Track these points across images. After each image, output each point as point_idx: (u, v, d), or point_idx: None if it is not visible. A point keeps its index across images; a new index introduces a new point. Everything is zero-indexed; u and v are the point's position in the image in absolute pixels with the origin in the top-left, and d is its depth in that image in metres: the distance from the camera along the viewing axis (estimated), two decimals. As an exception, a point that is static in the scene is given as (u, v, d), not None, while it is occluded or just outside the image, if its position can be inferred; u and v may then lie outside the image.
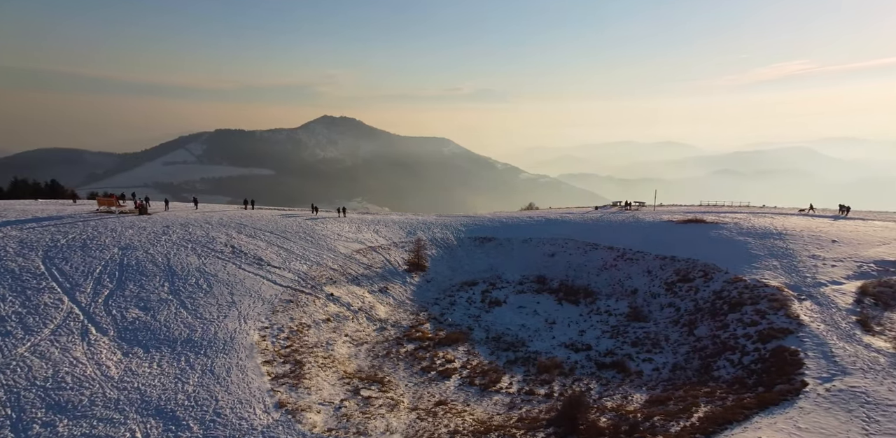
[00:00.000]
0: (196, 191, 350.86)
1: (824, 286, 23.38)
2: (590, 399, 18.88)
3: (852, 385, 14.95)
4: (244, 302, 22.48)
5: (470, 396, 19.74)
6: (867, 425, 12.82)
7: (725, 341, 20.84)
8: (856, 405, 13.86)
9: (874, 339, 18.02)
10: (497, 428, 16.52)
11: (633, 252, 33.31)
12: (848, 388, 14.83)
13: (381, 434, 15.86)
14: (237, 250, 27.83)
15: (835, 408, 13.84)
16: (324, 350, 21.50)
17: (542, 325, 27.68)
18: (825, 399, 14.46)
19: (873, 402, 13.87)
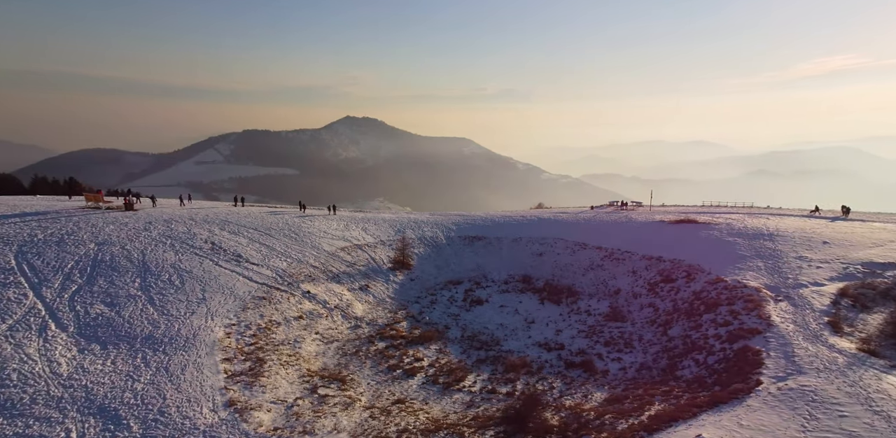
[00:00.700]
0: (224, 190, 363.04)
1: (804, 287, 23.39)
2: (550, 398, 18.94)
3: (803, 384, 15.11)
4: (215, 299, 22.83)
5: (431, 395, 19.84)
6: (807, 422, 13.00)
7: (696, 341, 21.01)
8: (802, 403, 14.01)
9: (840, 340, 18.09)
10: (448, 427, 16.62)
11: (620, 252, 33.29)
12: (798, 387, 14.98)
13: (329, 433, 15.95)
14: (217, 247, 28.35)
15: (781, 406, 13.99)
16: (290, 347, 21.74)
17: (521, 324, 27.75)
18: (774, 397, 14.60)
19: (819, 400, 14.03)
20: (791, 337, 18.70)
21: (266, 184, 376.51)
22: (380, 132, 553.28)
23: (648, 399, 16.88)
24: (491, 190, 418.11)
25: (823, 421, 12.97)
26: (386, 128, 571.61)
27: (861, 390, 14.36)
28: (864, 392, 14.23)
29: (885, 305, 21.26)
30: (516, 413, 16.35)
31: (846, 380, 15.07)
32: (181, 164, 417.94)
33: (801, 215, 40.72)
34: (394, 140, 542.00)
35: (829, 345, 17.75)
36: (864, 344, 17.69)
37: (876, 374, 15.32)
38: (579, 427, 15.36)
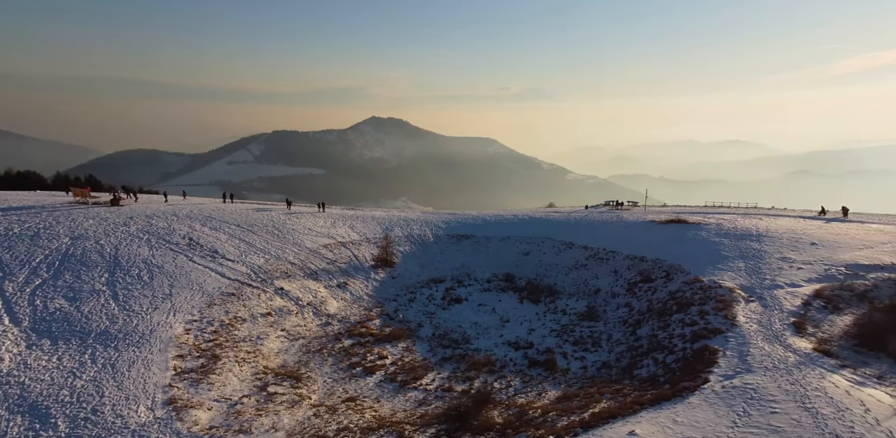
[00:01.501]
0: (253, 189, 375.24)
1: (780, 288, 23.48)
2: (504, 396, 19.19)
3: (747, 383, 15.37)
4: (182, 295, 23.14)
5: (385, 392, 19.94)
6: (739, 418, 13.30)
7: (661, 341, 21.25)
8: (740, 400, 14.30)
9: (799, 340, 18.29)
10: (392, 425, 16.71)
11: (605, 251, 33.41)
12: (742, 385, 15.25)
13: (265, 432, 15.94)
14: (194, 242, 28.82)
15: (719, 404, 14.29)
16: (251, 344, 21.93)
17: (496, 323, 27.93)
18: (716, 395, 14.87)
19: (756, 398, 14.32)
20: (751, 336, 18.84)
21: (293, 183, 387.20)
22: (404, 132, 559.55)
23: (597, 397, 17.07)
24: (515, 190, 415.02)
25: (754, 417, 13.26)
26: (410, 128, 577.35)
27: (800, 388, 14.62)
28: (803, 389, 14.50)
29: (859, 307, 21.21)
30: (458, 412, 16.39)
31: (789, 379, 15.31)
32: (214, 164, 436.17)
33: (798, 216, 40.15)
34: (418, 140, 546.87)
35: (786, 345, 17.89)
36: (821, 344, 17.81)
37: (821, 373, 15.55)
38: (521, 424, 15.43)
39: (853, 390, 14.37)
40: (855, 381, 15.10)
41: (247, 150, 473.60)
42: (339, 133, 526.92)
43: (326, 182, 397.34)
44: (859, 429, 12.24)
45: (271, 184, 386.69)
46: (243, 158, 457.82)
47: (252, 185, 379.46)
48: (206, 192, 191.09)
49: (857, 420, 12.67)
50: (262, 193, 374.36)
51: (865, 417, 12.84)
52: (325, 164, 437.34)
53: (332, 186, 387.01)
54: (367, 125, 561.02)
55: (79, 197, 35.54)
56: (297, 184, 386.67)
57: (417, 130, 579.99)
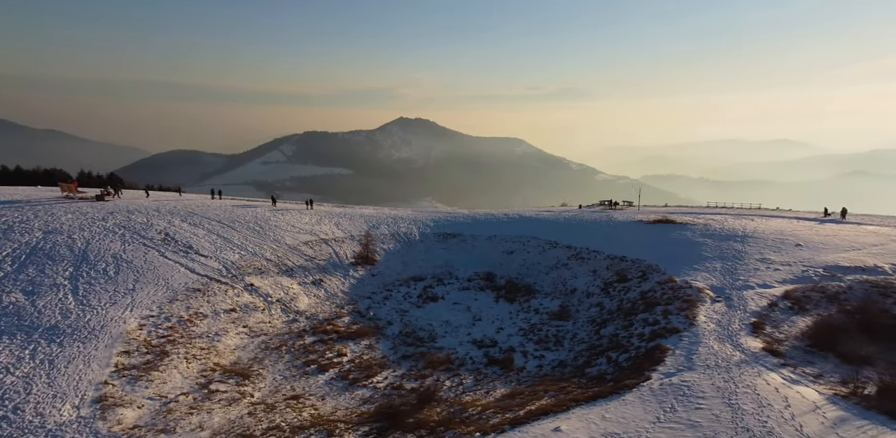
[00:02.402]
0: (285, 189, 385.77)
1: (751, 289, 23.61)
2: (451, 394, 19.47)
3: (684, 380, 15.64)
4: (145, 290, 23.55)
5: (333, 390, 20.05)
6: (663, 414, 13.58)
7: (620, 340, 21.57)
8: (671, 397, 14.60)
9: (752, 340, 18.48)
10: (325, 423, 16.79)
11: (588, 251, 33.58)
12: (679, 382, 15.53)
13: (189, 431, 15.99)
14: (169, 237, 29.34)
15: (651, 400, 14.57)
16: (207, 341, 22.23)
17: (467, 322, 28.21)
18: (651, 392, 15.19)
19: (687, 394, 14.62)
20: (705, 336, 19.07)
21: (322, 183, 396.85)
22: (431, 133, 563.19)
23: (541, 394, 17.37)
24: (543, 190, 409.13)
25: (678, 413, 13.57)
26: (437, 128, 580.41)
27: (732, 385, 14.89)
28: (734, 387, 14.78)
29: (827, 308, 21.24)
30: (391, 410, 16.67)
31: (725, 377, 15.56)
32: (248, 164, 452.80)
33: (795, 217, 39.75)
34: (445, 140, 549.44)
35: (736, 344, 18.11)
36: (771, 344, 18.01)
37: (759, 372, 15.79)
38: (456, 422, 15.67)
39: (783, 388, 14.59)
40: (790, 379, 15.30)
41: (279, 151, 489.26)
42: (367, 133, 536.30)
43: (354, 182, 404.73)
44: (771, 424, 12.55)
45: (301, 184, 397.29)
46: (276, 158, 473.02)
47: (284, 185, 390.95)
48: (240, 192, 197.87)
49: (774, 416, 12.95)
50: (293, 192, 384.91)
51: (783, 413, 13.10)
52: (354, 164, 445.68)
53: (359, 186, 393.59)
54: (395, 126, 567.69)
55: (66, 191, 36.40)
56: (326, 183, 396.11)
57: (444, 130, 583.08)
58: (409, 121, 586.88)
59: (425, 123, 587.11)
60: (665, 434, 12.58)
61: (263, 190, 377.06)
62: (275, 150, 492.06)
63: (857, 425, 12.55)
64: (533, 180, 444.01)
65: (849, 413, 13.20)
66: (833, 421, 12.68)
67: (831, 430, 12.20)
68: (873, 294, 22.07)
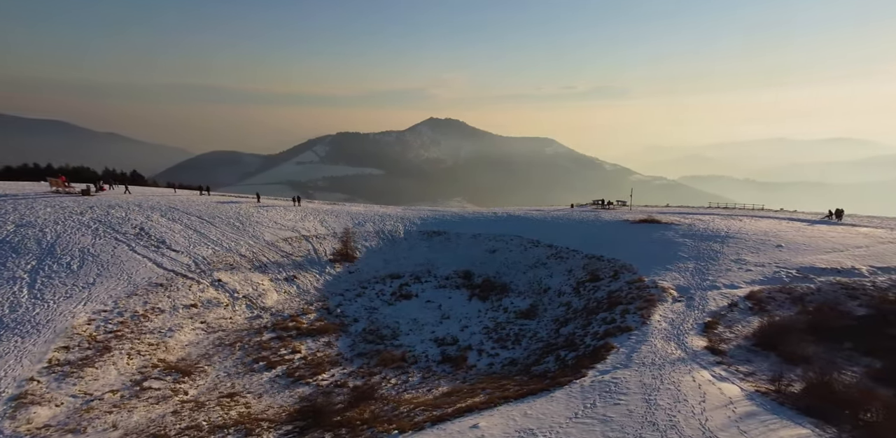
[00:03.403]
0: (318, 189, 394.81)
1: (716, 289, 23.56)
2: (394, 392, 19.48)
3: (615, 377, 15.73)
4: (105, 285, 23.90)
5: (273, 388, 19.92)
6: (582, 410, 13.70)
7: (575, 339, 21.55)
8: (596, 393, 14.72)
9: (698, 339, 18.49)
10: (249, 422, 16.66)
11: (567, 250, 33.38)
12: (609, 379, 15.63)
13: (101, 431, 15.58)
14: (144, 232, 29.72)
15: (577, 397, 14.72)
16: (158, 336, 22.28)
17: (434, 320, 28.24)
18: (581, 388, 15.29)
19: (612, 391, 14.71)
20: (653, 335, 19.06)
21: (353, 183, 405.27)
22: (461, 133, 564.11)
23: (477, 392, 17.41)
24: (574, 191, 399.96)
25: (596, 409, 13.69)
26: (467, 128, 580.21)
27: (657, 382, 14.93)
28: (658, 383, 14.82)
29: (789, 309, 21.07)
30: (313, 408, 16.65)
31: (655, 374, 15.60)
32: (284, 165, 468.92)
33: (790, 218, 39.18)
34: (474, 140, 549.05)
35: (680, 343, 18.12)
36: (716, 343, 18.11)
37: (691, 369, 15.84)
38: (381, 419, 15.68)
39: (707, 384, 14.64)
40: (719, 377, 15.33)
41: (313, 152, 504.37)
42: (397, 134, 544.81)
43: (384, 182, 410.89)
44: (678, 418, 12.67)
45: (333, 184, 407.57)
46: (310, 159, 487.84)
47: (317, 185, 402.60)
48: (276, 191, 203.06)
49: (684, 411, 13.06)
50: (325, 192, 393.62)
51: (694, 408, 13.18)
52: (384, 165, 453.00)
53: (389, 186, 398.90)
54: (425, 126, 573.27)
55: (55, 186, 37.16)
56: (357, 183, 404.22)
57: (474, 130, 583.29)
58: (439, 121, 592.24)
59: (455, 123, 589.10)
60: (576, 429, 12.70)
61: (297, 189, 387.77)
62: (308, 151, 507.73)
63: (762, 419, 12.59)
64: (564, 180, 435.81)
65: (761, 408, 13.22)
66: (740, 416, 12.75)
67: (734, 424, 12.33)
68: (841, 295, 21.91)
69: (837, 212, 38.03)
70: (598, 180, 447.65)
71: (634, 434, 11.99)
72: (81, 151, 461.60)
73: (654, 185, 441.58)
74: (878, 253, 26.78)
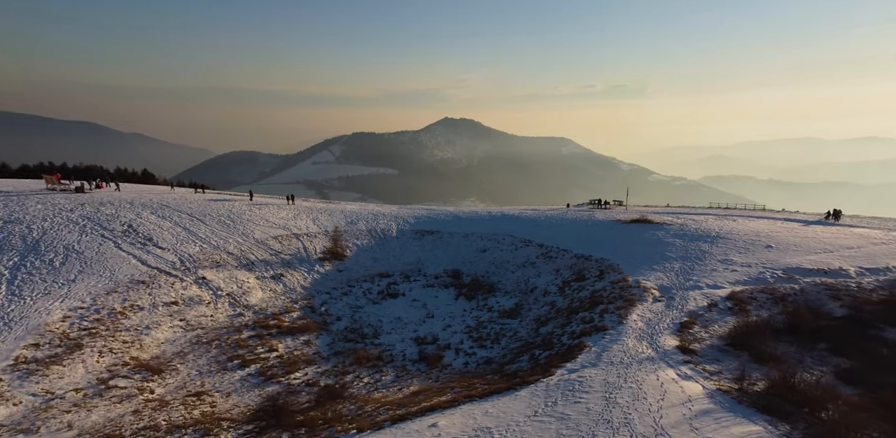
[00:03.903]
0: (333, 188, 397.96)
1: (699, 289, 23.45)
2: (364, 391, 19.39)
3: (581, 376, 15.71)
4: (85, 282, 23.90)
5: (243, 387, 19.76)
6: (543, 408, 13.65)
7: (552, 338, 21.48)
8: (560, 392, 14.70)
9: (671, 338, 18.45)
10: (210, 422, 16.43)
11: (557, 250, 33.15)
12: (575, 378, 15.61)
13: (54, 431, 15.34)
14: (131, 229, 29.77)
15: (540, 395, 14.70)
16: (134, 334, 22.18)
17: (418, 319, 28.12)
18: (546, 387, 15.27)
19: (576, 389, 14.70)
20: (627, 334, 18.99)
21: (368, 182, 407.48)
22: (475, 133, 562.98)
23: (446, 391, 17.35)
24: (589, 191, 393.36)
25: (556, 407, 13.65)
26: (482, 128, 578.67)
27: (622, 380, 14.94)
28: (622, 382, 14.83)
29: (770, 310, 20.99)
30: (273, 407, 16.48)
31: (621, 372, 15.57)
32: (301, 164, 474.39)
33: (786, 218, 38.71)
34: (489, 140, 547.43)
35: (652, 342, 18.10)
36: (688, 342, 18.12)
37: (657, 368, 15.80)
38: (344, 418, 15.59)
39: (670, 383, 14.61)
40: (684, 375, 15.30)
41: (329, 151, 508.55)
42: (412, 134, 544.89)
43: (398, 181, 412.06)
44: (634, 415, 12.65)
45: (349, 184, 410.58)
46: (325, 159, 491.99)
47: (332, 184, 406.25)
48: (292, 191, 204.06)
49: (641, 409, 13.05)
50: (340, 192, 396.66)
51: (652, 406, 13.15)
52: (398, 164, 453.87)
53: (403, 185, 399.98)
54: (439, 126, 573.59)
55: (50, 183, 37.29)
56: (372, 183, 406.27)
57: (489, 131, 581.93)
58: (454, 121, 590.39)
59: (469, 123, 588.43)
60: (532, 427, 12.65)
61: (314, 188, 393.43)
62: (324, 151, 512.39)
63: (717, 417, 12.62)
64: (579, 181, 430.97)
65: (718, 406, 13.22)
66: (695, 413, 12.76)
67: (687, 421, 12.34)
68: (823, 296, 21.81)
69: (835, 212, 37.64)
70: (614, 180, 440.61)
71: (588, 432, 12.02)
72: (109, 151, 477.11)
73: (674, 186, 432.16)
74: (869, 254, 26.60)
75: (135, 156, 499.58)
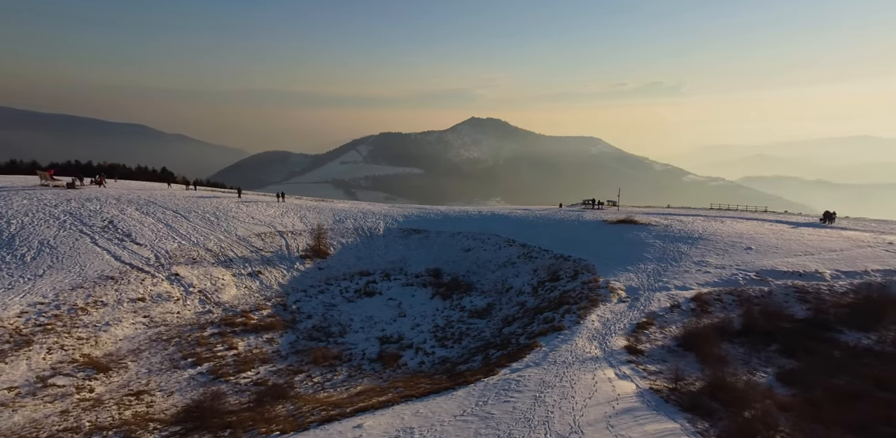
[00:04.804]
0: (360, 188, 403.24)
1: (666, 290, 23.27)
2: (311, 390, 19.09)
3: (521, 375, 15.67)
4: (53, 277, 23.91)
5: (188, 386, 19.34)
6: (472, 407, 13.54)
7: (511, 338, 21.41)
8: (495, 391, 14.62)
9: (622, 339, 18.38)
10: (137, 423, 16.00)
11: (539, 250, 32.81)
12: (515, 377, 15.54)
13: None
14: (112, 225, 29.86)
15: (474, 394, 14.62)
16: (92, 330, 21.91)
17: (389, 318, 27.88)
18: (484, 386, 15.21)
19: (510, 388, 14.62)
20: (581, 334, 18.91)
21: (394, 182, 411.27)
22: (502, 132, 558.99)
23: (390, 390, 17.24)
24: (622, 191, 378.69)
25: (485, 407, 13.56)
26: (509, 128, 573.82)
27: (558, 380, 14.87)
28: (558, 381, 14.77)
29: (733, 311, 20.91)
30: (197, 409, 16.19)
31: (561, 372, 15.51)
32: (329, 164, 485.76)
33: (778, 220, 38.45)
34: (516, 140, 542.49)
35: (602, 342, 18.06)
36: (635, 343, 18.12)
37: (598, 367, 15.71)
38: (275, 419, 15.34)
39: (604, 382, 14.59)
40: (622, 375, 15.26)
41: (356, 151, 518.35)
42: (438, 134, 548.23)
43: (423, 181, 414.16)
44: (556, 414, 12.60)
45: (375, 183, 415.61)
46: (353, 158, 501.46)
47: (359, 184, 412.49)
48: (319, 189, 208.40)
49: (565, 407, 12.97)
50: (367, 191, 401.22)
51: (576, 404, 13.12)
52: (424, 164, 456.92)
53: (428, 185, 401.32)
54: (466, 126, 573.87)
55: (43, 179, 37.58)
56: (398, 182, 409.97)
57: (515, 130, 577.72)
58: (481, 120, 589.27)
59: (496, 123, 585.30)
60: (454, 427, 12.57)
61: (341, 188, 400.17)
62: (352, 151, 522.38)
63: (637, 414, 12.59)
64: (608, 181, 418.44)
65: (644, 405, 13.18)
66: (617, 411, 12.72)
67: (606, 419, 12.29)
68: (791, 298, 21.68)
69: (827, 214, 37.57)
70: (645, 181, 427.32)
71: (505, 431, 11.97)
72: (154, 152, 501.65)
73: (710, 187, 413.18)
74: (850, 257, 26.31)
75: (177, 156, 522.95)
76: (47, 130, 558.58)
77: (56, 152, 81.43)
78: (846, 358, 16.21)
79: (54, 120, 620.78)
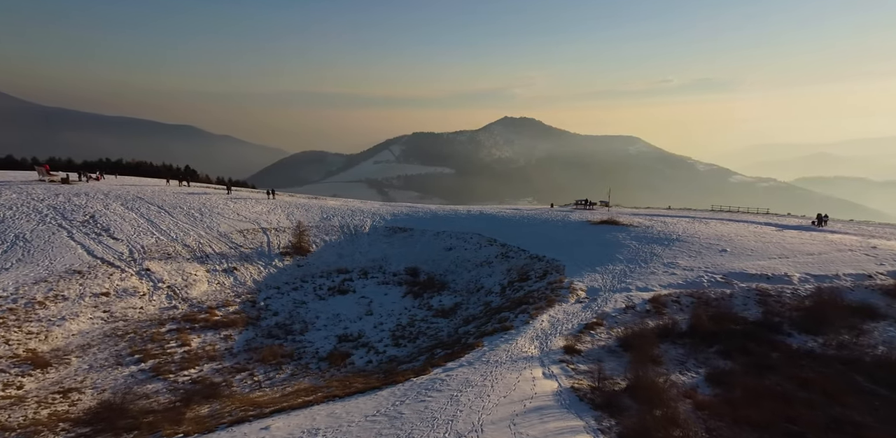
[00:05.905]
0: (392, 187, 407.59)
1: (627, 291, 22.79)
2: (247, 389, 18.57)
3: (450, 374, 15.29)
4: (18, 270, 24.06)
5: (124, 384, 18.71)
6: (386, 407, 13.20)
7: (461, 338, 21.13)
8: (417, 391, 14.28)
9: (563, 340, 17.93)
10: (46, 424, 15.28)
11: (517, 250, 32.15)
12: (443, 376, 15.13)
13: None
14: (92, 220, 30.12)
15: (397, 394, 14.31)
16: (45, 325, 21.64)
17: (355, 316, 27.41)
18: (410, 386, 14.89)
19: (434, 388, 14.27)
20: (525, 334, 18.54)
21: (425, 181, 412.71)
22: (535, 132, 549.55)
23: (320, 389, 17.00)
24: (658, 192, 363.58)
25: (399, 407, 13.25)
26: (542, 127, 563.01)
27: (482, 379, 14.54)
28: (482, 380, 14.45)
29: (686, 313, 20.40)
30: (108, 408, 15.73)
31: (488, 371, 15.13)
32: (363, 164, 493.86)
33: (768, 222, 37.67)
34: (550, 139, 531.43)
35: (542, 342, 17.60)
36: (574, 343, 17.78)
37: (527, 367, 15.40)
38: (197, 419, 14.86)
39: (526, 381, 14.22)
40: (549, 374, 14.92)
41: (389, 151, 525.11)
42: (470, 133, 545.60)
43: (454, 181, 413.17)
44: (463, 413, 12.31)
45: (407, 182, 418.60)
46: (386, 158, 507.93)
47: (392, 183, 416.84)
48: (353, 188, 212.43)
49: (476, 406, 12.62)
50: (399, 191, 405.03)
51: (488, 404, 12.74)
52: (456, 164, 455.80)
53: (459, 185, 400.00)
54: (499, 125, 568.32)
55: (41, 174, 38.10)
56: (429, 182, 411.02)
57: (549, 129, 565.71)
58: (514, 120, 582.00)
59: (530, 122, 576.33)
60: (359, 427, 12.24)
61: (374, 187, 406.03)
62: (385, 150, 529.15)
63: (545, 413, 12.29)
64: (648, 181, 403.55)
65: (557, 403, 12.92)
66: (526, 410, 12.42)
67: (511, 418, 12.02)
68: (750, 301, 21.46)
69: (819, 217, 37.32)
70: (688, 181, 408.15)
71: (406, 431, 11.70)
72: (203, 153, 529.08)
73: (759, 188, 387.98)
74: (826, 260, 25.78)
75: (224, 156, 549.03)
76: (111, 132, 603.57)
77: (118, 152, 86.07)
78: (782, 360, 16.27)
79: (116, 122, 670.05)
